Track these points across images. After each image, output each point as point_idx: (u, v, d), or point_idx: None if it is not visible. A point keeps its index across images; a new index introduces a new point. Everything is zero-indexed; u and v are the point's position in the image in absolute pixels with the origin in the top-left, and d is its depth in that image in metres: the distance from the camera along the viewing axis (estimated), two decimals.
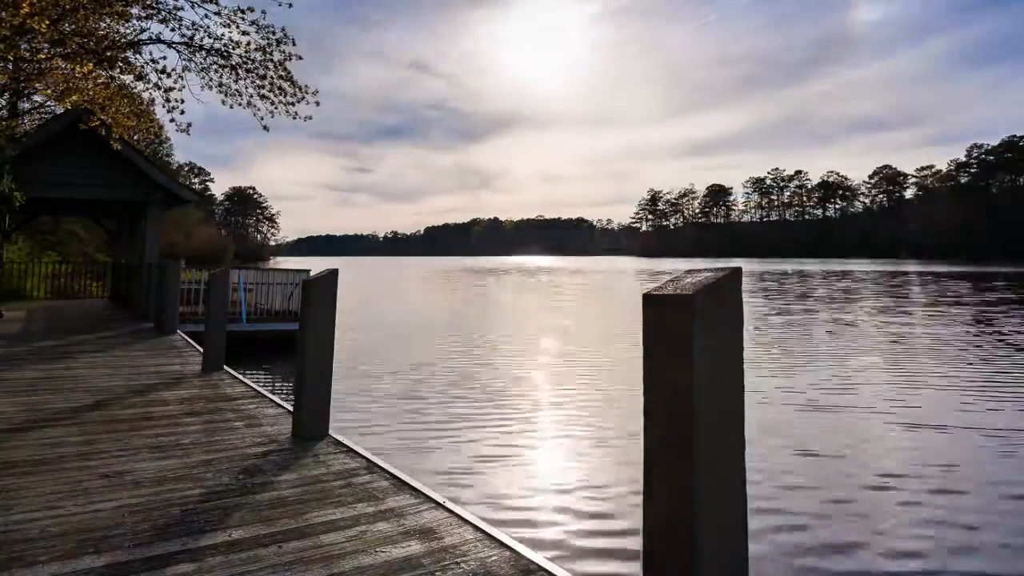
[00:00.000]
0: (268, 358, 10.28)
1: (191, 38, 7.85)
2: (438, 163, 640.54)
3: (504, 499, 4.56)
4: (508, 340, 13.43)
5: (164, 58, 7.83)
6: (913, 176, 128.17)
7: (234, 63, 8.08)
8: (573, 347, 12.38)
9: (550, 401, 7.80)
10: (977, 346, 12.12)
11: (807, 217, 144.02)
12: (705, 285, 1.69)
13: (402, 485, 3.15)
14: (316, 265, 11.76)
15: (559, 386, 8.66)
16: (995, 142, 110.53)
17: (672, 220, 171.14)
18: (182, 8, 7.63)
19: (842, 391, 8.30)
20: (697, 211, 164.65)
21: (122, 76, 8.91)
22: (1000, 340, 12.93)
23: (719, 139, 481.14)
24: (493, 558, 2.37)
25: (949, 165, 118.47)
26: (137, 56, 8.15)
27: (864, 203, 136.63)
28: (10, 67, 7.76)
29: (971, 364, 10.19)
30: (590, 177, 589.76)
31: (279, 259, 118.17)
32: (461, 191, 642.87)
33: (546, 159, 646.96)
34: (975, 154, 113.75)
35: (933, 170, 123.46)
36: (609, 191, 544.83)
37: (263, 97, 8.27)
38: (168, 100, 7.84)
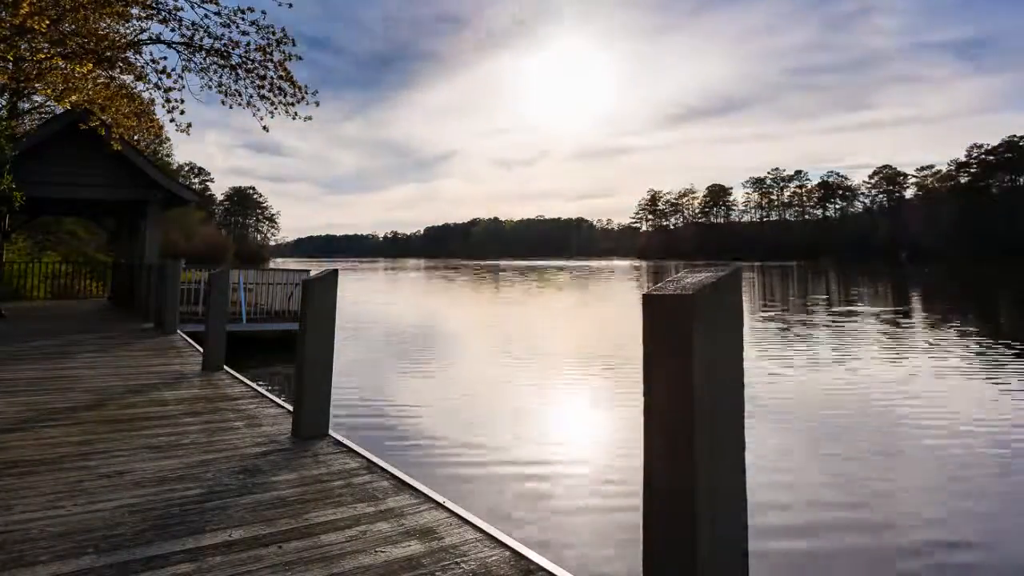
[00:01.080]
0: (268, 358, 10.27)
1: (191, 38, 7.85)
2: (349, 135, 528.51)
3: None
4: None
5: (164, 58, 7.83)
6: (913, 176, 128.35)
7: (234, 63, 8.07)
8: None
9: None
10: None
11: (807, 217, 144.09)
12: (705, 285, 1.69)
13: (402, 485, 3.15)
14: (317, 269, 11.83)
15: None
16: (996, 142, 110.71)
17: (672, 220, 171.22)
18: (182, 8, 7.64)
19: None
20: (697, 211, 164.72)
21: (122, 76, 8.94)
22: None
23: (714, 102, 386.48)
24: (493, 558, 2.37)
25: (949, 165, 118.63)
26: (137, 56, 8.15)
27: (864, 203, 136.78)
28: (10, 67, 7.76)
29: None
30: (558, 162, 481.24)
31: (279, 260, 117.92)
32: (404, 176, 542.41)
33: (496, 136, 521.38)
34: (975, 154, 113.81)
35: (933, 170, 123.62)
36: (587, 182, 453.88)
37: (263, 97, 8.27)
38: (168, 100, 7.85)
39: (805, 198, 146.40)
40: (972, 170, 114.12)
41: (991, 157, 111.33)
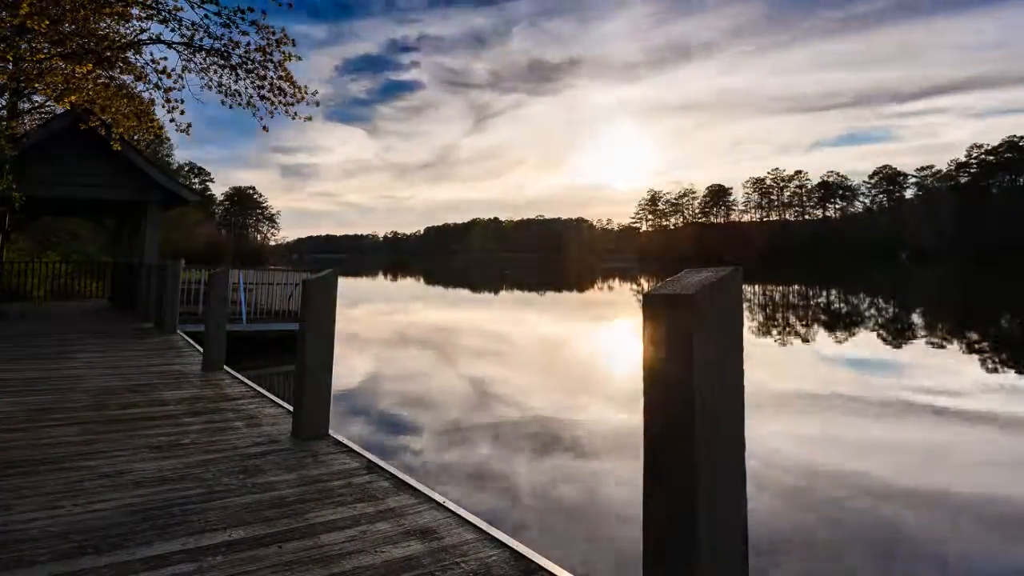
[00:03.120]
0: (268, 358, 10.27)
1: (191, 38, 7.84)
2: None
3: None
4: None
5: (164, 58, 7.82)
6: (913, 176, 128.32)
7: (234, 63, 8.07)
8: None
9: None
10: None
11: (807, 217, 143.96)
12: (705, 285, 1.69)
13: (402, 485, 3.15)
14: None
15: None
16: (996, 142, 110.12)
17: (672, 220, 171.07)
18: (182, 8, 7.62)
19: None
20: (697, 211, 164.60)
21: (122, 76, 8.93)
22: None
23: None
24: (493, 558, 2.37)
25: (949, 165, 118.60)
26: (137, 56, 8.16)
27: (864, 203, 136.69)
28: (10, 67, 7.75)
29: None
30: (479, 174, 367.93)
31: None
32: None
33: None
34: (975, 154, 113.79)
35: (933, 170, 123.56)
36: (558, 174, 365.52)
37: (263, 98, 8.26)
38: (168, 100, 7.84)
39: (805, 198, 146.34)
40: (972, 170, 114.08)
41: (991, 157, 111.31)
